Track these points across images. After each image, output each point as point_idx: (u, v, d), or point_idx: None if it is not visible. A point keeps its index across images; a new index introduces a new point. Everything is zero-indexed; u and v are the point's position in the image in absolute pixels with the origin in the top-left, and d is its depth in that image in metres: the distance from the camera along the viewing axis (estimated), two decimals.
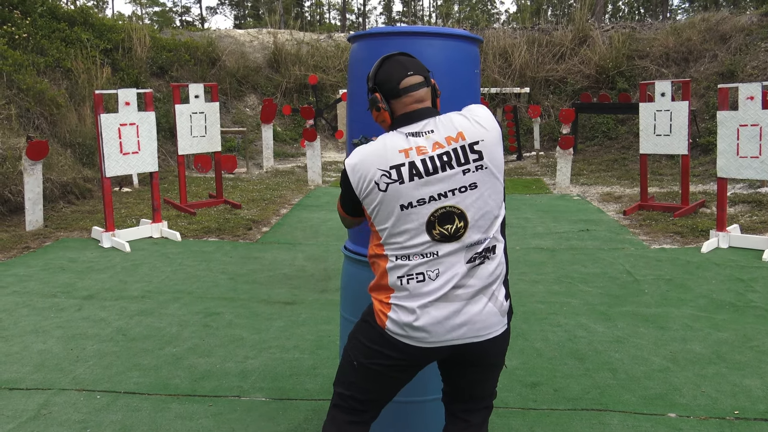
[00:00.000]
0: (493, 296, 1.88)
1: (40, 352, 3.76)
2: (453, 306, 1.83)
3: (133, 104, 6.45)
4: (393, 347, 1.87)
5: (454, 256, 1.83)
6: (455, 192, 1.81)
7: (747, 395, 3.15)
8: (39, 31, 10.99)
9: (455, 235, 1.82)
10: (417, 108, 1.89)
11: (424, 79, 1.92)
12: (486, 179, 1.83)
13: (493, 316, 1.88)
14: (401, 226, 1.83)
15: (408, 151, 1.82)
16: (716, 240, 6.05)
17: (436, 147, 1.82)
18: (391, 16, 56.03)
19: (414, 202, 1.81)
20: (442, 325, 1.83)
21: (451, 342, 1.85)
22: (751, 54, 12.57)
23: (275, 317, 4.33)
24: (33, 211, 6.94)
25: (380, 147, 1.85)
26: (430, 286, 1.82)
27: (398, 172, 1.81)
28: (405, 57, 1.95)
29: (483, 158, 1.83)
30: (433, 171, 1.80)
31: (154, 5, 51.04)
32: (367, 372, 1.93)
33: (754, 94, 5.82)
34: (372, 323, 1.93)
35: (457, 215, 1.81)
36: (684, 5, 46.18)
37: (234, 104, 14.60)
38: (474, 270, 1.84)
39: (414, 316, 1.83)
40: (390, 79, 1.90)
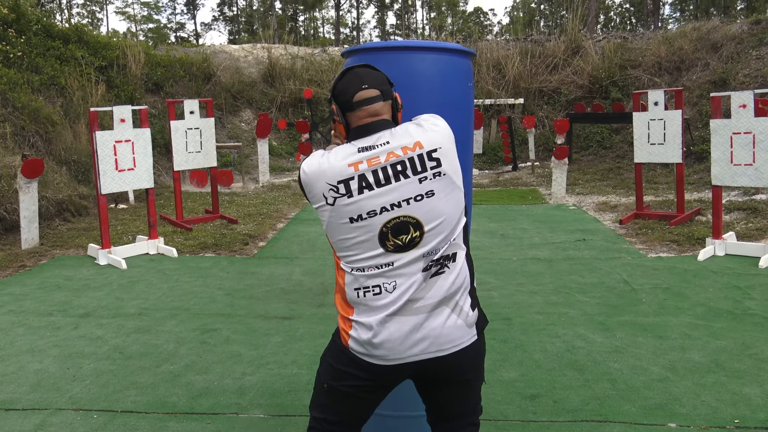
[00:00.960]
0: (457, 307, 1.83)
1: (36, 371, 3.74)
2: (413, 320, 1.79)
3: (128, 121, 6.46)
4: (358, 367, 1.84)
5: (411, 267, 1.79)
6: (410, 201, 1.78)
7: (747, 404, 3.15)
8: (34, 49, 11.02)
9: (410, 245, 1.78)
10: (370, 121, 1.86)
11: (381, 92, 1.88)
12: (444, 187, 1.80)
13: (458, 329, 1.83)
14: (353, 239, 1.80)
15: (358, 165, 1.79)
16: (712, 248, 6.06)
17: (390, 157, 1.79)
18: (384, 29, 56.38)
19: (364, 215, 1.78)
20: (402, 341, 1.79)
21: (414, 358, 1.81)
22: (742, 62, 12.67)
23: (273, 333, 4.31)
24: (29, 229, 6.92)
25: (330, 160, 1.82)
26: (387, 298, 1.79)
27: (346, 186, 1.78)
28: (365, 69, 1.91)
29: (441, 165, 1.80)
30: (385, 181, 1.78)
31: (148, 22, 51.30)
32: (337, 394, 1.90)
33: (747, 102, 5.85)
34: (338, 343, 1.90)
35: (412, 224, 1.78)
36: (675, 15, 46.60)
37: (229, 119, 14.63)
38: (432, 280, 1.80)
39: (372, 333, 1.79)
40: (345, 92, 1.88)
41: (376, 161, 1.79)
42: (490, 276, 5.56)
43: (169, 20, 57.57)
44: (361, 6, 54.66)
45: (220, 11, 55.10)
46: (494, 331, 4.21)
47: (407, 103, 2.43)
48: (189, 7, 52.51)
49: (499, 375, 3.55)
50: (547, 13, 50.89)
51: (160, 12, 52.78)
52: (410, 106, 2.43)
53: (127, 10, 52.28)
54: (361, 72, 1.90)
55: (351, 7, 54.55)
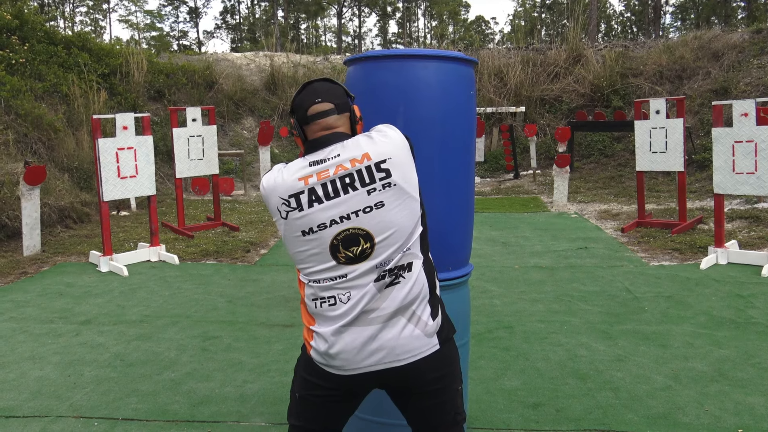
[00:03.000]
0: (414, 316, 1.83)
1: (37, 378, 3.73)
2: (367, 330, 1.80)
3: (130, 128, 6.48)
4: (321, 376, 1.87)
5: (364, 278, 1.80)
6: (359, 213, 1.79)
7: (750, 413, 3.13)
8: (37, 56, 11.06)
9: (361, 257, 1.79)
10: (323, 135, 1.88)
11: (335, 105, 1.90)
12: (395, 197, 1.81)
13: (416, 339, 1.82)
14: (307, 252, 1.83)
15: (308, 178, 1.81)
16: (715, 256, 6.05)
17: (338, 170, 1.80)
18: (386, 38, 56.57)
19: (315, 228, 1.80)
20: (358, 351, 1.80)
21: (370, 368, 1.81)
22: (744, 71, 12.69)
23: (274, 340, 4.30)
24: (30, 236, 6.92)
25: (283, 176, 1.84)
26: (341, 309, 1.80)
27: (297, 200, 1.80)
28: (322, 83, 1.94)
29: (391, 176, 1.81)
30: (334, 194, 1.79)
31: (151, 30, 51.50)
32: (307, 403, 1.93)
33: (748, 110, 5.86)
34: (304, 353, 1.93)
35: (362, 236, 1.79)
36: (676, 23, 46.73)
37: (231, 127, 14.66)
38: (386, 291, 1.81)
39: (328, 344, 1.81)
40: (301, 106, 1.91)
41: (326, 174, 1.80)
42: (491, 284, 5.55)
43: (172, 28, 57.85)
44: (363, 14, 54.88)
45: (222, 19, 55.36)
46: (496, 339, 4.20)
47: (409, 112, 2.44)
48: (192, 16, 52.73)
49: (501, 383, 3.53)
50: (548, 22, 51.06)
51: (162, 20, 52.97)
52: (412, 115, 2.44)
53: (130, 19, 52.58)
54: (317, 86, 1.94)
55: (353, 15, 54.76)
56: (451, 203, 2.55)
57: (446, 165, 2.51)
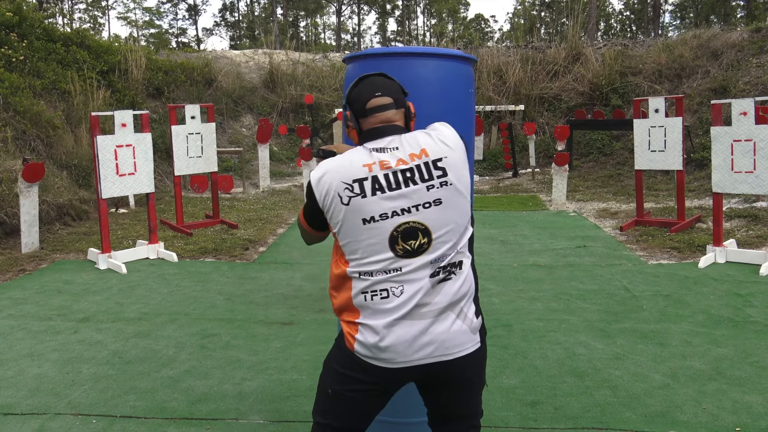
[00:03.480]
0: (462, 313, 1.86)
1: (35, 376, 3.73)
2: (419, 324, 1.82)
3: (129, 126, 6.47)
4: (363, 370, 1.86)
5: (418, 272, 1.82)
6: (419, 207, 1.81)
7: (748, 411, 3.14)
8: (35, 53, 11.04)
9: (418, 251, 1.81)
10: (382, 125, 1.91)
11: (394, 100, 1.93)
12: (450, 196, 1.83)
13: (463, 334, 1.86)
14: (364, 241, 1.82)
15: (371, 166, 1.82)
16: (713, 255, 6.05)
17: (399, 163, 1.82)
18: (385, 35, 56.52)
19: (377, 217, 1.80)
20: (409, 344, 1.81)
21: (420, 361, 1.83)
22: (743, 70, 12.69)
23: (273, 338, 4.31)
24: (29, 233, 6.91)
25: (345, 161, 1.85)
26: (394, 302, 1.81)
27: (361, 186, 1.81)
28: (380, 78, 1.97)
29: (447, 175, 1.83)
30: (396, 186, 1.81)
31: (150, 27, 51.42)
32: (341, 398, 1.92)
33: (747, 109, 5.86)
34: (342, 347, 1.92)
35: (421, 231, 1.81)
36: (675, 22, 46.74)
37: (230, 124, 14.65)
38: (439, 286, 1.83)
39: (379, 337, 1.81)
40: (359, 99, 1.93)
41: (387, 165, 1.82)
42: (490, 282, 5.55)
43: (171, 26, 57.80)
44: (363, 12, 54.83)
45: (221, 17, 55.30)
46: (495, 337, 4.20)
47: None
48: (190, 13, 52.66)
49: (499, 381, 3.54)
50: (547, 21, 51.06)
51: (161, 17, 52.85)
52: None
53: (129, 16, 52.48)
54: (375, 80, 1.96)
55: (352, 13, 54.71)
56: None
57: None
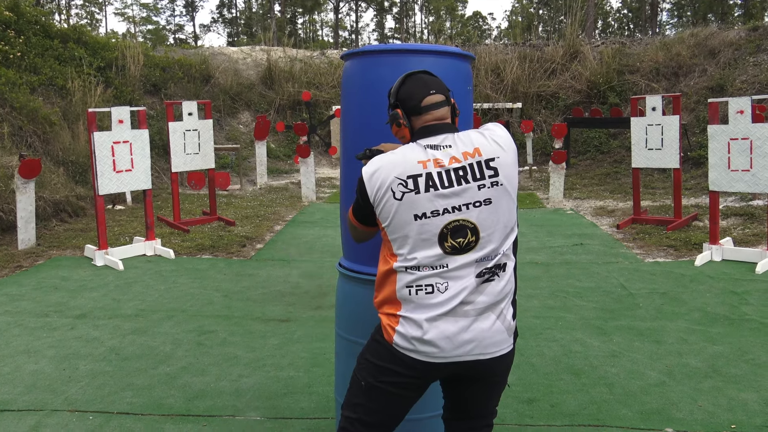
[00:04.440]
0: (502, 314, 1.89)
1: (32, 372, 3.72)
2: (461, 322, 1.83)
3: (126, 122, 6.45)
4: (401, 363, 1.87)
5: (464, 270, 1.83)
6: (469, 206, 1.82)
7: (743, 409, 3.15)
8: (32, 49, 11.00)
9: (466, 248, 1.83)
10: (436, 123, 1.93)
11: (446, 98, 1.96)
12: (500, 196, 1.85)
13: (500, 334, 1.88)
14: (414, 236, 1.84)
15: (426, 163, 1.84)
16: (709, 253, 6.07)
17: (452, 161, 1.84)
18: (383, 33, 56.46)
19: (428, 213, 1.82)
20: (451, 340, 1.83)
21: (460, 358, 1.85)
22: (740, 68, 12.71)
23: (270, 335, 4.31)
24: (25, 229, 6.90)
25: (399, 157, 1.87)
26: (439, 298, 1.83)
27: (415, 182, 1.83)
28: (428, 75, 2.00)
29: (498, 175, 1.85)
30: (449, 184, 1.82)
31: (147, 23, 51.30)
32: (376, 392, 1.91)
33: (744, 108, 5.87)
34: (380, 340, 1.92)
35: (470, 229, 1.83)
36: (672, 21, 46.78)
37: (227, 121, 14.63)
38: (483, 286, 1.85)
39: (422, 330, 1.83)
40: (412, 97, 1.95)
41: (441, 163, 1.84)
42: None
43: (168, 22, 57.60)
44: (360, 9, 54.76)
45: (219, 13, 55.17)
46: None
47: None
48: (188, 9, 52.54)
49: None
50: (545, 18, 51.05)
51: (159, 13, 52.79)
52: None
53: (126, 12, 52.33)
54: (425, 78, 1.98)
55: (350, 10, 54.64)
56: None
57: None
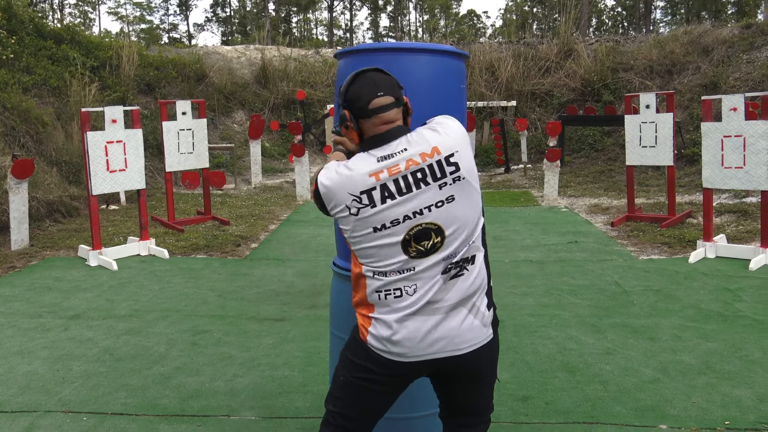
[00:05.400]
0: (474, 308, 1.87)
1: (25, 373, 3.71)
2: (431, 320, 1.82)
3: (119, 122, 6.43)
4: (375, 362, 1.87)
5: (431, 270, 1.82)
6: (431, 208, 1.79)
7: (737, 405, 3.16)
8: (25, 49, 10.95)
9: (432, 250, 1.81)
10: (387, 129, 1.86)
11: (395, 99, 1.88)
12: (463, 190, 1.83)
13: (475, 329, 1.87)
14: (377, 247, 1.82)
15: (379, 174, 1.79)
16: (703, 250, 6.09)
17: (410, 164, 1.80)
18: (378, 31, 56.40)
19: (387, 224, 1.79)
20: (421, 339, 1.82)
21: (431, 356, 1.84)
22: (733, 66, 12.75)
23: (264, 334, 4.30)
24: (18, 230, 6.87)
25: (352, 171, 1.81)
26: (408, 300, 1.82)
27: (369, 197, 1.79)
28: (378, 74, 1.90)
29: (460, 169, 1.82)
30: (407, 190, 1.78)
31: (141, 22, 51.10)
32: (354, 388, 1.93)
33: (737, 105, 5.89)
34: (357, 338, 1.93)
35: (434, 231, 1.80)
36: (666, 18, 46.89)
37: (222, 120, 14.59)
38: (451, 283, 1.83)
39: (391, 331, 1.83)
40: (360, 98, 1.86)
41: (396, 170, 1.80)
42: None
43: (162, 21, 57.45)
44: (355, 8, 54.70)
45: (213, 12, 54.98)
46: None
47: None
48: (182, 8, 52.36)
49: None
50: (539, 16, 51.08)
51: (152, 12, 52.64)
52: None
53: (120, 11, 52.11)
54: (375, 77, 1.89)
55: (344, 9, 54.57)
56: None
57: None
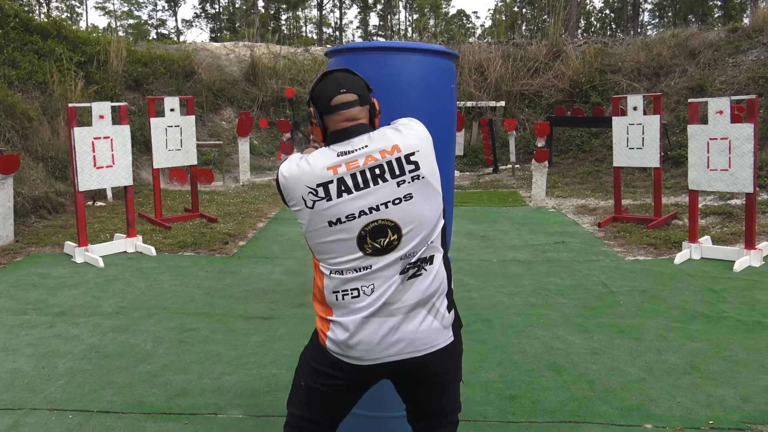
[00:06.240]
0: (434, 309, 1.86)
1: (9, 371, 3.67)
2: (389, 322, 1.81)
3: (107, 117, 6.38)
4: (334, 366, 1.87)
5: (389, 269, 1.81)
6: (388, 204, 1.79)
7: (721, 405, 3.20)
8: (11, 43, 10.84)
9: (388, 248, 1.80)
10: (349, 125, 1.87)
11: (359, 97, 1.89)
12: (422, 190, 1.82)
13: (434, 331, 1.85)
14: (332, 242, 1.81)
15: (336, 168, 1.79)
16: (688, 251, 6.14)
17: (368, 160, 1.80)
18: (367, 30, 56.36)
19: (343, 218, 1.79)
20: (378, 342, 1.81)
21: (389, 358, 1.83)
22: (719, 69, 12.88)
23: (252, 332, 4.29)
24: (3, 226, 6.80)
25: (310, 164, 1.83)
26: (365, 301, 1.81)
27: (325, 190, 1.79)
28: (344, 74, 1.93)
29: (419, 168, 1.82)
30: (364, 185, 1.79)
31: (129, 18, 50.71)
32: (315, 392, 1.93)
33: (723, 108, 5.95)
34: (316, 343, 1.92)
35: (390, 228, 1.79)
36: (654, 21, 47.24)
37: (210, 117, 14.52)
38: (408, 283, 1.82)
39: (348, 334, 1.82)
40: (323, 95, 1.90)
41: (355, 164, 1.79)
42: (469, 277, 5.58)
43: (150, 16, 57.03)
44: (344, 6, 54.61)
45: (201, 8, 54.67)
46: (474, 332, 4.23)
47: (390, 104, 2.43)
48: (170, 4, 52.01)
49: (478, 376, 3.56)
50: (529, 17, 51.27)
51: (140, 8, 52.21)
52: (393, 107, 2.43)
53: (107, 6, 51.67)
54: (339, 76, 1.92)
55: (334, 7, 54.47)
56: None
57: None
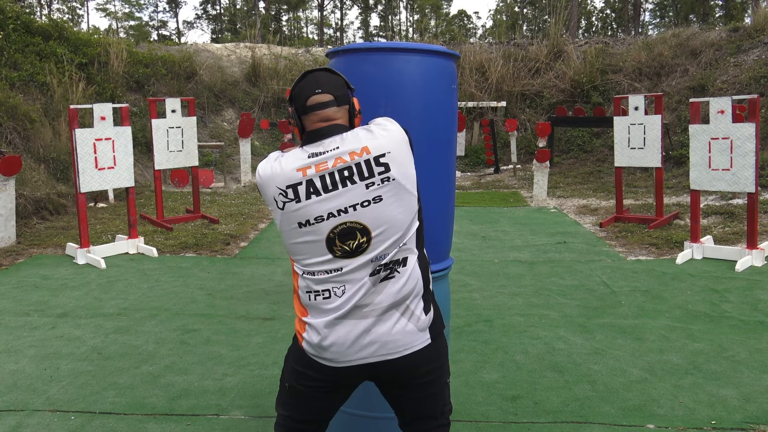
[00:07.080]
0: (408, 311, 1.84)
1: (12, 372, 3.68)
2: (361, 324, 1.81)
3: (108, 119, 6.39)
4: (313, 367, 1.87)
5: (359, 272, 1.80)
6: (356, 207, 1.78)
7: (723, 405, 3.19)
8: (12, 45, 10.85)
9: (357, 251, 1.79)
10: (322, 126, 1.87)
11: (335, 97, 1.88)
12: (392, 192, 1.80)
13: (408, 334, 1.84)
14: (302, 244, 1.82)
15: (306, 170, 1.79)
16: (690, 251, 6.14)
17: (337, 162, 1.79)
18: (368, 30, 56.37)
19: (312, 220, 1.79)
20: (351, 344, 1.81)
21: (364, 360, 1.83)
22: (720, 68, 12.86)
23: (254, 333, 4.29)
24: (5, 227, 6.81)
25: (282, 165, 1.83)
26: (336, 302, 1.81)
27: (294, 191, 1.79)
28: (324, 74, 1.92)
29: (390, 170, 1.80)
30: (332, 187, 1.78)
31: (130, 19, 50.77)
32: (298, 393, 1.93)
33: (725, 108, 5.94)
34: (295, 344, 1.94)
35: (359, 230, 1.78)
36: (655, 21, 47.21)
37: (211, 118, 14.53)
38: (380, 285, 1.81)
39: (320, 336, 1.82)
40: (300, 95, 1.89)
41: (324, 166, 1.79)
42: (471, 278, 5.58)
43: (151, 18, 57.09)
44: (345, 7, 54.63)
45: (203, 9, 54.73)
46: (476, 332, 4.23)
47: (391, 105, 2.43)
48: (171, 5, 52.06)
49: (480, 376, 3.56)
50: (530, 17, 51.27)
51: (141, 9, 52.31)
52: (394, 108, 2.43)
53: (108, 7, 51.73)
54: (318, 76, 1.91)
55: (335, 8, 54.49)
56: (432, 197, 2.56)
57: (427, 159, 2.52)
